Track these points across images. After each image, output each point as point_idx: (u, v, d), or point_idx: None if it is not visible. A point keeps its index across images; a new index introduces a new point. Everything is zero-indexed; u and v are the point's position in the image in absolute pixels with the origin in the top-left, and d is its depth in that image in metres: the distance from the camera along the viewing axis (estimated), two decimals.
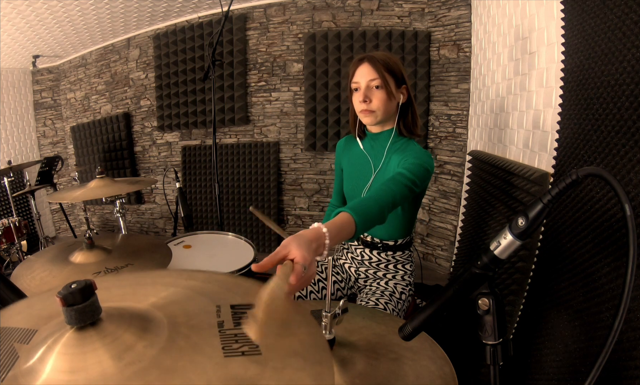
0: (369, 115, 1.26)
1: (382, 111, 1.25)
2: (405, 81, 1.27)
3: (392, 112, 1.29)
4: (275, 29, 3.19)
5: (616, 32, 0.90)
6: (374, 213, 0.97)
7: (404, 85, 1.27)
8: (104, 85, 4.02)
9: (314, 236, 0.78)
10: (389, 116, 1.29)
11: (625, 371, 0.76)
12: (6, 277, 0.77)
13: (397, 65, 1.25)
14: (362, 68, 1.24)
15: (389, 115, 1.28)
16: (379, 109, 1.24)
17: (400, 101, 1.27)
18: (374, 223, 0.98)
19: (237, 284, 0.59)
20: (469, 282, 0.65)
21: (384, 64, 1.22)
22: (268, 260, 0.69)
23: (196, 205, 3.71)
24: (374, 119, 1.26)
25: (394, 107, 1.28)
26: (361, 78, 1.24)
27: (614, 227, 0.87)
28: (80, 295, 0.40)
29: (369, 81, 1.23)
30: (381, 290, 1.34)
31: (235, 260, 1.61)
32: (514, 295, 1.34)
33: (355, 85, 1.26)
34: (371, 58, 1.24)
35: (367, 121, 1.29)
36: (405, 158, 1.21)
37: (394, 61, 1.25)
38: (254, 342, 0.43)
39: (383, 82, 1.21)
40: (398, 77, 1.25)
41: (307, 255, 0.70)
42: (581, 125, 1.07)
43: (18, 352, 0.42)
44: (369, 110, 1.25)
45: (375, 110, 1.24)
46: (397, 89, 1.26)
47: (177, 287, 0.55)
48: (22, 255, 2.79)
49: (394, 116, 1.30)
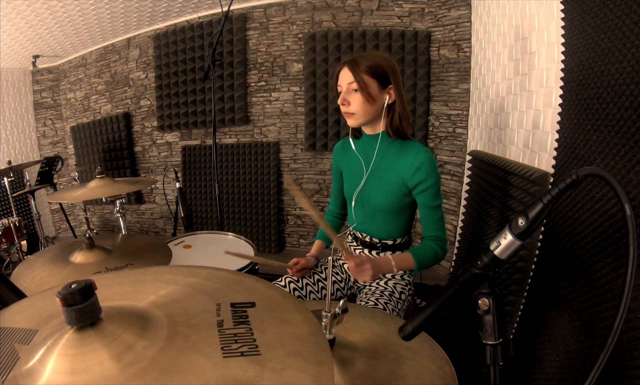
0: (349, 117, 1.28)
1: (361, 113, 1.25)
2: (391, 82, 1.25)
3: (377, 113, 1.27)
4: (275, 29, 3.19)
5: (616, 32, 0.90)
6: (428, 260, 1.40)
7: (390, 86, 1.25)
8: (104, 85, 4.02)
9: (385, 269, 1.27)
10: (374, 117, 1.28)
11: (625, 371, 0.76)
12: (6, 277, 0.76)
13: (381, 67, 1.23)
14: (343, 72, 1.26)
15: (373, 116, 1.28)
16: (357, 111, 1.25)
17: (387, 102, 1.26)
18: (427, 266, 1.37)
19: (237, 281, 0.58)
20: (469, 282, 0.65)
21: (366, 67, 1.22)
22: (346, 257, 1.19)
23: (196, 205, 3.71)
24: (355, 121, 1.28)
25: (377, 108, 1.26)
26: (342, 81, 1.27)
27: (614, 227, 0.87)
28: (80, 295, 0.40)
29: (348, 84, 1.25)
30: (381, 290, 1.34)
31: (235, 260, 1.61)
32: (514, 295, 1.34)
33: (339, 88, 1.29)
34: (352, 62, 1.24)
35: (350, 123, 1.30)
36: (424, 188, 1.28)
37: (380, 63, 1.23)
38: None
39: (360, 85, 1.22)
40: (383, 79, 1.24)
41: (369, 279, 1.19)
42: (581, 125, 1.07)
43: (19, 353, 0.42)
44: (348, 113, 1.27)
45: (354, 112, 1.26)
46: (381, 90, 1.25)
47: (178, 284, 0.55)
48: (22, 255, 2.79)
49: (383, 118, 1.29)
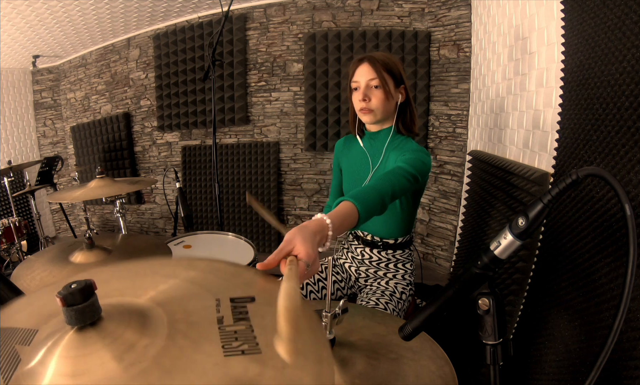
0: (368, 114, 1.28)
1: (380, 110, 1.28)
2: (403, 81, 1.30)
3: (391, 111, 1.31)
4: (275, 29, 3.18)
5: (616, 32, 0.90)
6: (375, 200, 0.95)
7: (402, 85, 1.30)
8: (104, 85, 4.02)
9: (317, 228, 0.77)
10: (388, 115, 1.32)
11: (625, 371, 0.76)
12: (6, 277, 0.76)
13: (396, 66, 1.28)
14: (362, 68, 1.27)
15: (388, 114, 1.31)
16: (377, 108, 1.27)
17: (399, 101, 1.30)
18: (375, 211, 0.96)
19: (236, 273, 0.58)
20: (469, 282, 0.65)
21: (383, 64, 1.25)
22: (273, 257, 0.68)
23: (196, 205, 3.71)
24: (372, 118, 1.29)
25: (392, 106, 1.31)
26: (361, 77, 1.27)
27: (614, 227, 0.87)
28: (80, 295, 0.40)
29: (368, 81, 1.25)
30: (381, 290, 1.34)
31: (235, 260, 1.61)
32: (514, 295, 1.34)
33: (355, 84, 1.29)
34: (371, 58, 1.26)
35: (366, 120, 1.31)
36: (402, 153, 1.23)
37: (394, 62, 1.28)
38: (287, 362, 0.39)
39: (382, 82, 1.24)
40: (397, 78, 1.28)
41: (312, 252, 0.69)
42: (581, 125, 1.07)
43: (20, 354, 0.42)
44: (368, 109, 1.27)
45: (374, 109, 1.27)
46: (395, 89, 1.29)
47: (177, 278, 0.54)
48: (22, 255, 2.78)
49: (393, 115, 1.33)
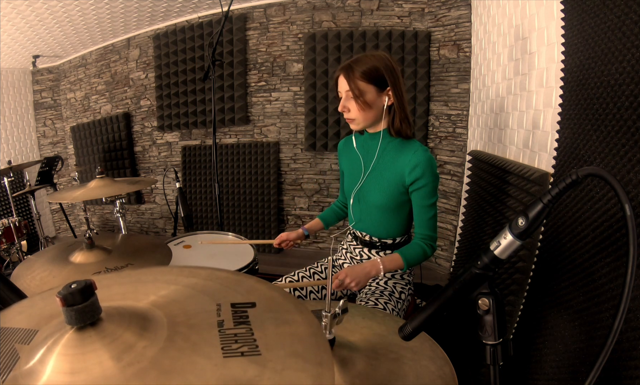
0: (351, 122, 1.31)
1: (361, 118, 1.27)
2: (389, 84, 1.24)
3: (377, 116, 1.28)
4: (275, 29, 3.18)
5: (616, 32, 0.90)
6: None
7: (388, 88, 1.25)
8: (104, 85, 4.02)
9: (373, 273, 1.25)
10: (375, 120, 1.29)
11: (625, 371, 0.76)
12: (6, 277, 0.76)
13: (377, 71, 1.22)
14: (340, 79, 1.28)
15: (374, 119, 1.29)
16: (357, 117, 1.27)
17: (386, 103, 1.26)
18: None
19: (238, 281, 0.58)
20: (469, 282, 0.65)
21: (361, 72, 1.21)
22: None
23: (196, 205, 3.71)
24: (356, 126, 1.31)
25: (377, 111, 1.27)
26: (340, 88, 1.28)
27: (614, 227, 0.87)
28: (80, 295, 0.40)
29: (346, 92, 1.26)
30: (381, 290, 1.34)
31: (235, 260, 1.61)
32: (514, 295, 1.34)
33: (339, 93, 1.30)
34: (347, 69, 1.24)
35: (352, 127, 1.33)
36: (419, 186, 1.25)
37: (375, 66, 1.22)
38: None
39: (355, 93, 1.23)
40: (380, 82, 1.23)
41: (357, 288, 1.22)
42: (581, 125, 1.07)
43: (19, 353, 0.42)
44: (349, 119, 1.29)
45: (354, 118, 1.28)
46: (379, 93, 1.25)
47: (178, 284, 0.55)
48: (22, 255, 2.79)
49: (385, 118, 1.29)
